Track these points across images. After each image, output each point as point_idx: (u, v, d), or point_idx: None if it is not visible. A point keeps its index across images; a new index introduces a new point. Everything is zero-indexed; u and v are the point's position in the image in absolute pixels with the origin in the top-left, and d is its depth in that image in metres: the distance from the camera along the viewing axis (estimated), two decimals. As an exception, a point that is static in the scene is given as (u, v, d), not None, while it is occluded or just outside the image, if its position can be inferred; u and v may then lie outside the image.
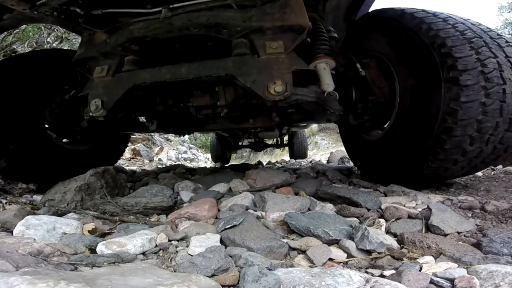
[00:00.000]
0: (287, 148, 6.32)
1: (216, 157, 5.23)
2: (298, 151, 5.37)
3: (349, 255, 0.86)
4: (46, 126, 1.89)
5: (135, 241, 0.85)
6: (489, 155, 1.35)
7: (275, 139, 5.61)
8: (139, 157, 5.01)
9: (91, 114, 1.48)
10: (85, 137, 2.11)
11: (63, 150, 1.96)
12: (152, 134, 7.12)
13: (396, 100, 1.54)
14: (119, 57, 1.52)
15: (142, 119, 2.05)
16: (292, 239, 0.95)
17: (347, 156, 4.26)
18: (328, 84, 1.40)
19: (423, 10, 1.46)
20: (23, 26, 4.82)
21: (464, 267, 0.71)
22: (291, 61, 1.34)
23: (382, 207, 1.24)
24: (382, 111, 1.67)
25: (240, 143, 5.40)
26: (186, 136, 9.11)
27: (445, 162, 1.37)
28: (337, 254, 0.86)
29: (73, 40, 5.66)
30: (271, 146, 5.52)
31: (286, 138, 5.63)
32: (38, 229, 0.92)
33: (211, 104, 1.65)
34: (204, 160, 8.22)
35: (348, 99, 1.62)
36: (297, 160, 5.04)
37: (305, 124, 2.95)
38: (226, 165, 4.36)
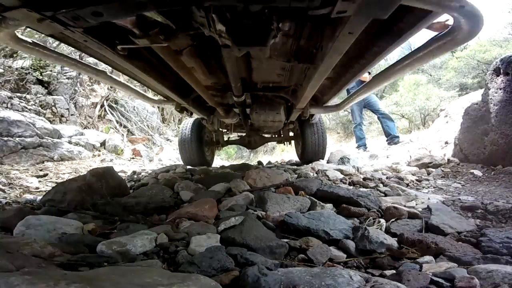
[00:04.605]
0: (290, 148, 4.55)
1: (189, 158, 3.32)
2: (313, 149, 3.26)
3: (349, 255, 0.86)
4: None
5: (135, 241, 0.85)
6: None
7: (275, 134, 3.81)
8: (139, 157, 5.00)
9: None
10: None
11: None
12: (152, 134, 7.09)
13: None
14: None
15: None
16: (292, 239, 0.95)
17: (348, 156, 3.85)
18: None
19: None
20: None
21: (464, 267, 0.71)
22: None
23: (382, 207, 1.24)
24: None
25: (227, 138, 3.74)
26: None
27: None
28: (337, 254, 0.86)
29: None
30: (270, 141, 3.81)
31: (291, 134, 3.74)
32: (38, 229, 0.92)
33: None
34: (204, 160, 8.17)
35: None
36: (297, 161, 3.74)
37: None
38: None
